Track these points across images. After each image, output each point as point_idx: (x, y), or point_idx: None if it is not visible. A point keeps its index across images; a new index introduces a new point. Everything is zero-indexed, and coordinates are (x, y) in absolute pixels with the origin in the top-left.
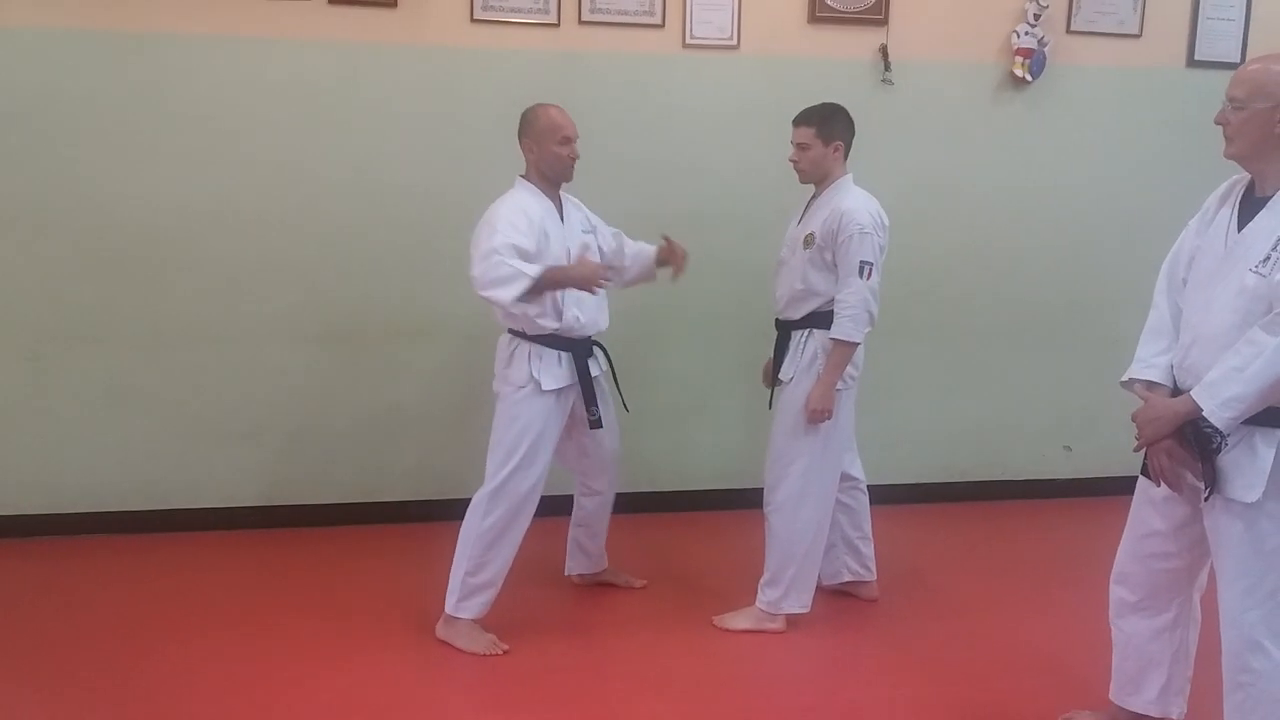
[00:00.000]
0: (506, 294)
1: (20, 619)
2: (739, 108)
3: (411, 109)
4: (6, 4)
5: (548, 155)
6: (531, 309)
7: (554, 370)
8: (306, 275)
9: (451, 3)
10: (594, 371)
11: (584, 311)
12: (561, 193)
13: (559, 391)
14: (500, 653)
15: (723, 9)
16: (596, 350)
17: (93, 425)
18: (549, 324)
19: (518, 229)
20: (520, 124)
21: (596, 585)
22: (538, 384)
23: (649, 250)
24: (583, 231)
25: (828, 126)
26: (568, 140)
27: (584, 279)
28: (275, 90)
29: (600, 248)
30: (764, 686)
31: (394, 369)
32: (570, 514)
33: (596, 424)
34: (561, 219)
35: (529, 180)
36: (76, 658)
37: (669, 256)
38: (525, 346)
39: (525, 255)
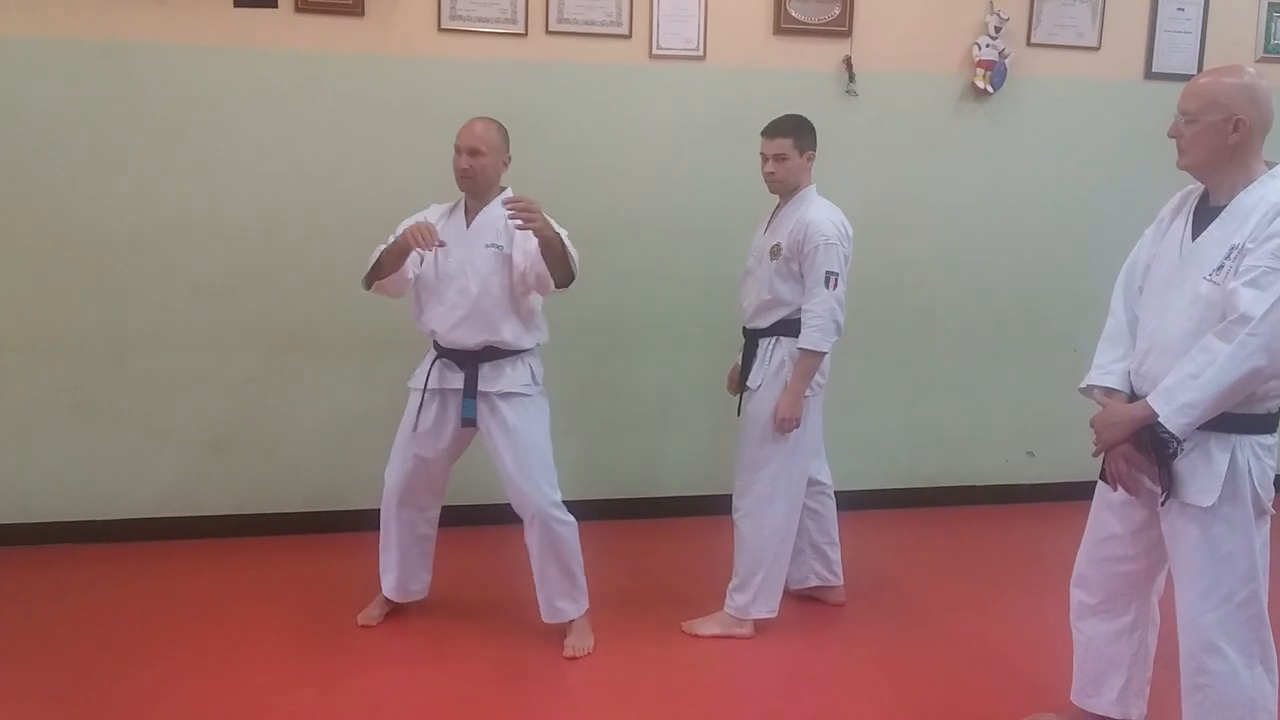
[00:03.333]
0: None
1: None
2: (705, 118)
3: (378, 118)
4: None
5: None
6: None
7: (421, 372)
8: (273, 284)
9: (419, 12)
10: (502, 389)
11: (440, 325)
12: (515, 200)
13: (435, 394)
14: (366, 625)
15: (689, 20)
16: (488, 368)
17: (57, 435)
18: (418, 327)
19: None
20: None
21: None
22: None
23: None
24: (485, 245)
25: (802, 137)
26: (456, 149)
27: (409, 237)
28: (241, 99)
29: (514, 261)
30: (733, 691)
31: (361, 377)
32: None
33: (469, 423)
34: (468, 226)
35: None
36: (42, 670)
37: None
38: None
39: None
